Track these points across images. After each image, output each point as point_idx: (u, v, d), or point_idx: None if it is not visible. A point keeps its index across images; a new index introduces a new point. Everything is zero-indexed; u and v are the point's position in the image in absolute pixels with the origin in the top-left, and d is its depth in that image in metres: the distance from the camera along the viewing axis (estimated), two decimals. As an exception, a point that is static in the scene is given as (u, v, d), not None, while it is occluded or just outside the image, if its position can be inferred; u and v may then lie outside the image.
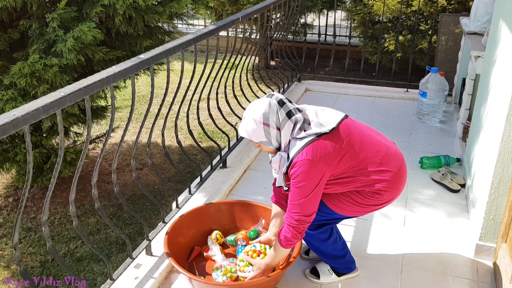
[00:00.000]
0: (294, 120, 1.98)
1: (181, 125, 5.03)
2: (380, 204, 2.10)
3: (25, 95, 3.23)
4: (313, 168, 1.91)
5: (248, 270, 2.19)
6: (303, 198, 1.94)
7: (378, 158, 2.02)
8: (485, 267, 2.45)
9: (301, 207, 1.95)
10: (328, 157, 1.93)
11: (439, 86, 4.09)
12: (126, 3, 3.17)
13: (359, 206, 2.08)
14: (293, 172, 1.94)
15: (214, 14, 6.98)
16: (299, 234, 2.00)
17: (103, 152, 2.03)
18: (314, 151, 1.92)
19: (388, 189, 2.04)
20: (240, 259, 2.24)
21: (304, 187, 1.93)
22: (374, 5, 5.79)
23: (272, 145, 2.02)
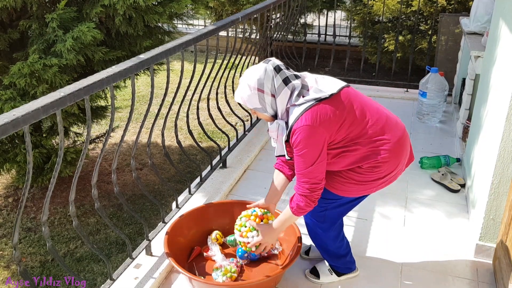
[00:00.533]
0: (291, 87, 1.92)
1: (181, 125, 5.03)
2: (382, 178, 2.01)
3: (24, 95, 3.23)
4: (313, 134, 1.85)
5: (251, 235, 2.14)
6: (310, 166, 1.88)
7: (378, 127, 1.96)
8: (485, 267, 2.45)
9: (309, 175, 1.90)
10: (328, 122, 1.87)
11: (439, 86, 4.09)
12: (126, 4, 3.17)
13: (361, 184, 2.02)
14: (294, 140, 1.88)
15: (214, 14, 6.98)
16: (311, 203, 1.95)
17: (103, 152, 2.03)
18: (313, 116, 1.85)
19: (387, 159, 1.96)
20: (241, 224, 2.18)
21: (307, 154, 1.87)
22: (374, 5, 5.79)
23: (267, 112, 1.97)
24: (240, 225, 2.20)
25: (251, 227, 2.16)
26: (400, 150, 2.01)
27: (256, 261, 2.40)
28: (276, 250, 2.42)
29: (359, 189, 2.05)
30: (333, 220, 2.19)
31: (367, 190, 2.06)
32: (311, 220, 2.22)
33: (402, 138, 2.03)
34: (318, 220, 2.18)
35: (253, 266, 2.38)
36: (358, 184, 2.02)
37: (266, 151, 3.67)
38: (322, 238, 2.24)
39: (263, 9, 3.52)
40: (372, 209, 2.93)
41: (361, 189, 2.05)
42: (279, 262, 2.40)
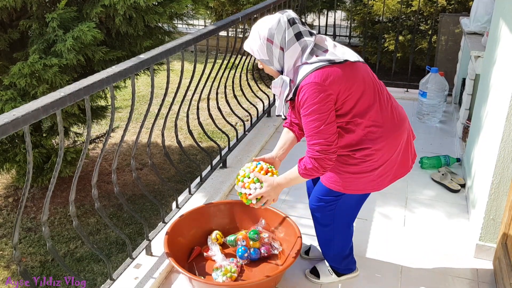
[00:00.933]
0: (303, 44, 1.82)
1: (181, 125, 5.03)
2: (377, 168, 1.94)
3: (24, 95, 3.23)
4: (321, 92, 1.75)
5: (254, 187, 2.05)
6: (318, 126, 1.78)
7: (383, 113, 1.89)
8: (485, 267, 2.45)
9: (319, 136, 1.80)
10: (338, 84, 1.77)
11: (439, 86, 4.09)
12: (126, 4, 3.17)
13: (358, 177, 1.95)
14: (301, 97, 1.79)
15: (214, 14, 6.98)
16: (320, 168, 1.84)
17: (103, 152, 2.03)
18: (323, 75, 1.76)
19: (380, 148, 1.90)
20: (244, 175, 2.08)
21: (315, 113, 1.77)
22: (374, 5, 5.79)
23: (274, 66, 1.88)
24: (243, 175, 2.08)
25: (255, 178, 2.05)
26: (395, 139, 1.95)
27: (256, 261, 2.41)
28: (276, 250, 2.42)
29: (359, 184, 2.00)
30: (343, 222, 2.16)
31: (367, 184, 2.00)
32: (322, 224, 2.19)
33: (400, 129, 1.96)
34: (329, 223, 2.16)
35: (253, 266, 2.38)
36: (355, 176, 1.97)
37: (266, 151, 3.67)
38: (332, 241, 2.21)
39: (263, 9, 3.52)
40: (372, 209, 2.93)
41: (360, 183, 2.00)
42: (279, 262, 2.40)
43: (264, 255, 2.41)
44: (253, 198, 2.06)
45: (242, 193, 2.08)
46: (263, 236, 2.45)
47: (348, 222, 2.19)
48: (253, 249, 2.40)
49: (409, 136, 2.05)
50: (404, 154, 2.03)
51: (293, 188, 3.15)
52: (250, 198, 2.06)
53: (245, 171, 2.10)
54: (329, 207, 2.10)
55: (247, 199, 2.09)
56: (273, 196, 2.05)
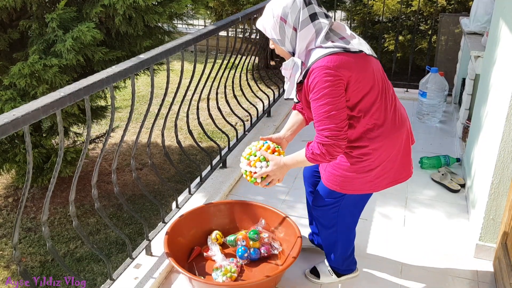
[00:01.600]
0: (317, 26, 1.77)
1: (181, 125, 5.03)
2: (374, 169, 1.92)
3: (24, 95, 3.23)
4: (333, 77, 1.71)
5: (260, 165, 2.00)
6: (328, 110, 1.73)
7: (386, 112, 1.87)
8: (485, 267, 2.45)
9: (329, 121, 1.74)
10: (349, 72, 1.73)
11: (439, 86, 4.09)
12: (126, 3, 3.17)
13: (356, 176, 1.93)
14: (311, 81, 1.74)
15: (214, 14, 6.98)
16: (327, 155, 1.79)
17: (103, 152, 2.03)
18: (336, 61, 1.71)
19: (377, 148, 1.88)
20: (251, 153, 2.04)
21: (325, 97, 1.72)
22: (374, 5, 5.80)
23: (285, 46, 1.83)
24: (250, 153, 2.03)
25: (261, 157, 1.99)
26: (394, 140, 1.92)
27: (256, 261, 2.41)
28: (276, 250, 2.42)
29: (356, 184, 1.97)
30: (346, 224, 2.15)
31: (364, 185, 1.97)
32: (325, 226, 2.18)
33: (400, 130, 1.94)
34: (332, 225, 2.15)
35: (253, 266, 2.38)
36: (351, 176, 1.94)
37: (266, 151, 3.67)
38: (336, 243, 2.20)
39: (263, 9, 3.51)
40: (372, 209, 2.93)
41: (357, 184, 1.96)
42: (279, 262, 2.40)
43: (264, 255, 2.41)
44: (258, 176, 2.01)
45: (247, 171, 2.03)
46: (263, 236, 2.44)
47: (351, 224, 2.18)
48: (253, 249, 2.40)
49: (408, 139, 2.03)
50: (404, 157, 2.00)
51: (293, 188, 3.15)
52: (255, 176, 2.01)
53: (251, 149, 2.06)
54: (332, 210, 2.10)
55: (251, 178, 2.04)
56: (278, 176, 2.00)
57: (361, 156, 1.91)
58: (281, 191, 3.13)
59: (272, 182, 2.02)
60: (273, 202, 2.92)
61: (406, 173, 2.03)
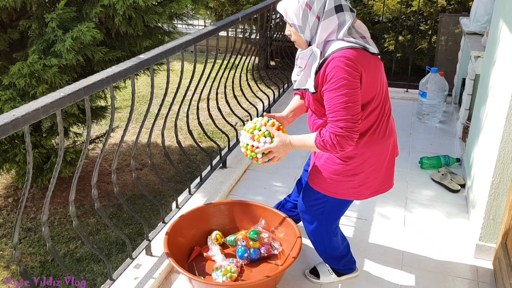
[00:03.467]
0: (341, 19, 1.75)
1: (181, 125, 5.03)
2: (358, 174, 1.94)
3: (24, 95, 3.23)
4: (352, 69, 1.69)
5: (264, 140, 1.93)
6: (348, 101, 1.70)
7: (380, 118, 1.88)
8: (485, 267, 2.45)
9: (346, 112, 1.71)
10: (366, 73, 1.73)
11: (439, 86, 4.10)
12: (126, 4, 3.17)
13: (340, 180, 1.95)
14: (330, 70, 1.71)
15: (214, 15, 6.98)
16: (338, 146, 1.76)
17: (103, 152, 2.03)
18: (357, 56, 1.70)
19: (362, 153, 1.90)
20: (255, 127, 1.96)
21: (344, 87, 1.70)
22: (374, 5, 5.80)
23: (304, 34, 1.79)
24: (254, 127, 1.96)
25: (266, 132, 1.93)
26: (379, 149, 1.94)
27: (256, 261, 2.41)
28: (276, 250, 2.42)
29: (339, 188, 1.99)
30: (329, 225, 2.16)
31: (347, 191, 1.99)
32: (311, 225, 2.19)
33: (387, 141, 1.96)
34: (317, 225, 2.16)
35: (253, 266, 2.38)
36: (336, 178, 1.96)
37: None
38: (323, 243, 2.21)
39: (263, 9, 3.52)
40: (372, 209, 2.93)
41: (341, 187, 1.98)
42: (279, 262, 2.40)
43: (264, 255, 2.41)
44: (260, 151, 1.93)
45: (249, 145, 1.95)
46: (263, 236, 2.45)
47: (332, 226, 2.17)
48: (253, 249, 2.40)
49: (394, 151, 2.04)
50: (389, 168, 2.03)
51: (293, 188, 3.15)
52: (257, 151, 1.94)
53: (255, 123, 1.98)
54: (317, 210, 2.11)
55: (252, 152, 1.96)
56: (281, 153, 1.94)
57: (346, 160, 1.92)
58: (281, 191, 3.13)
59: (273, 159, 1.96)
60: (273, 202, 2.92)
61: (388, 184, 2.07)
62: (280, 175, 3.33)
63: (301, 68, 1.88)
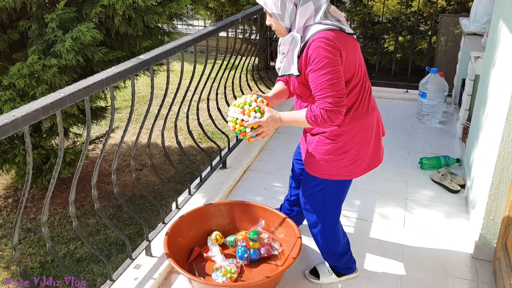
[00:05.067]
0: (317, 4, 1.85)
1: (180, 125, 5.03)
2: (348, 151, 2.01)
3: (24, 95, 3.23)
4: (332, 48, 1.80)
5: (254, 115, 1.97)
6: (332, 78, 1.80)
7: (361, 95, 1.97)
8: (485, 268, 2.45)
9: (332, 88, 1.81)
10: (345, 52, 1.84)
11: (439, 86, 4.10)
12: (125, 4, 3.17)
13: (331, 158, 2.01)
14: (311, 52, 1.81)
15: (214, 15, 6.98)
16: (328, 120, 1.85)
17: (102, 152, 2.03)
18: (335, 36, 1.81)
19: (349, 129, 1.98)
20: (245, 102, 1.99)
21: (327, 66, 1.80)
22: (374, 5, 5.80)
23: (284, 22, 1.89)
24: (244, 102, 1.99)
25: (256, 107, 1.98)
26: (365, 125, 2.02)
27: (256, 262, 2.41)
28: (276, 251, 2.42)
29: (333, 168, 2.04)
30: (331, 215, 2.18)
31: (341, 170, 2.04)
32: (312, 216, 2.21)
33: (371, 116, 2.04)
34: (318, 215, 2.18)
35: (253, 266, 2.38)
36: (328, 159, 2.02)
37: (266, 152, 3.67)
38: (325, 234, 2.22)
39: (263, 9, 3.52)
40: (372, 209, 2.93)
41: (334, 167, 2.04)
42: (279, 262, 2.40)
43: (264, 255, 2.41)
44: (250, 125, 1.96)
45: (239, 119, 1.97)
46: (263, 236, 2.45)
47: (334, 215, 2.20)
48: (253, 249, 2.40)
49: (379, 127, 2.12)
50: (376, 144, 2.10)
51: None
52: (247, 124, 1.96)
53: (246, 99, 2.01)
54: (317, 198, 2.15)
55: (240, 127, 1.98)
56: (270, 129, 2.00)
57: (335, 138, 2.00)
58: (281, 191, 3.14)
59: (261, 134, 2.00)
60: (273, 203, 2.92)
61: (378, 159, 2.14)
62: (280, 175, 3.33)
63: (284, 54, 1.97)
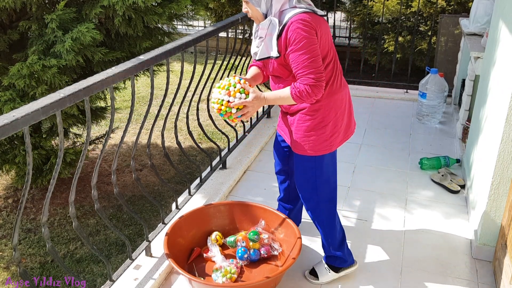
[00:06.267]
0: None
1: (180, 126, 5.03)
2: (327, 125, 2.12)
3: (23, 96, 3.23)
4: (309, 28, 1.94)
5: (239, 96, 2.03)
6: (311, 57, 1.94)
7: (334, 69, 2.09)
8: (485, 268, 2.45)
9: (312, 65, 1.94)
10: (320, 32, 1.98)
11: (439, 87, 4.10)
12: (125, 4, 3.17)
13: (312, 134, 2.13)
14: (291, 33, 1.94)
15: (214, 15, 6.98)
16: (312, 95, 1.97)
17: (102, 153, 2.03)
18: (311, 18, 1.95)
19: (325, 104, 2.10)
20: (230, 84, 2.05)
21: (307, 45, 1.93)
22: (374, 6, 5.80)
23: (261, 8, 2.02)
24: (229, 84, 2.04)
25: (241, 89, 2.05)
26: (339, 100, 2.14)
27: (256, 262, 2.41)
28: (276, 251, 2.42)
29: (315, 144, 2.14)
30: (325, 195, 2.25)
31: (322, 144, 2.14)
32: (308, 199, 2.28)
33: (344, 91, 2.17)
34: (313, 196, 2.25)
35: (253, 267, 2.38)
36: (309, 134, 2.13)
37: (266, 152, 3.67)
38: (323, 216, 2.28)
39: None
40: (372, 210, 2.93)
41: (316, 142, 2.14)
42: (279, 263, 2.40)
43: (264, 256, 2.41)
44: (236, 105, 2.02)
45: (224, 100, 2.02)
46: (263, 237, 2.44)
47: (331, 193, 2.27)
48: (253, 250, 2.40)
49: (350, 102, 2.26)
50: (348, 117, 2.24)
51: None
52: (233, 105, 2.02)
53: (229, 81, 2.06)
54: (310, 177, 2.22)
55: (226, 108, 2.03)
56: (255, 108, 2.08)
57: (314, 113, 2.12)
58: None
59: (246, 114, 2.08)
60: (273, 203, 2.92)
61: (350, 131, 2.29)
62: (280, 176, 3.33)
63: (262, 38, 2.07)
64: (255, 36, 2.12)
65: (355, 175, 3.34)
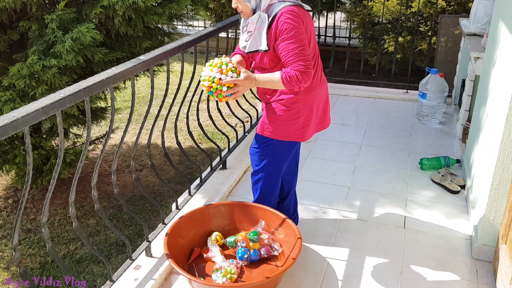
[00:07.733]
0: None
1: (180, 126, 5.03)
2: (301, 117, 2.22)
3: (24, 96, 3.23)
4: (298, 19, 2.04)
5: (231, 75, 2.08)
6: (300, 46, 2.03)
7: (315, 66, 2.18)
8: (485, 268, 2.45)
9: (302, 54, 2.03)
10: (306, 22, 2.08)
11: (439, 87, 4.10)
12: (125, 4, 3.17)
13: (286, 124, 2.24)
14: (281, 25, 2.03)
15: (214, 16, 6.98)
16: (302, 81, 2.04)
17: (102, 153, 2.03)
18: (297, 10, 2.06)
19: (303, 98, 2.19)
20: (222, 62, 2.10)
21: (296, 35, 2.02)
22: (374, 6, 5.80)
23: (250, 3, 2.11)
24: (221, 62, 2.10)
25: (233, 68, 2.11)
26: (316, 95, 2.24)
27: (256, 263, 2.40)
28: (276, 252, 2.42)
29: (287, 131, 2.25)
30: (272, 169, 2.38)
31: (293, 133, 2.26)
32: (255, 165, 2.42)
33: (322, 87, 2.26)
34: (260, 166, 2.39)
35: (253, 267, 2.38)
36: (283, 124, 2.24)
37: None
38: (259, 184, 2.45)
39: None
40: (372, 210, 2.93)
41: (288, 130, 2.25)
42: (279, 263, 2.40)
43: (264, 256, 2.41)
44: (227, 83, 2.07)
45: (216, 78, 2.07)
46: (263, 237, 2.44)
47: (276, 170, 2.40)
48: (253, 250, 2.40)
49: (328, 98, 2.37)
50: (324, 111, 2.35)
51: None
52: (224, 82, 2.07)
53: (221, 60, 2.12)
54: (261, 152, 2.37)
55: (217, 85, 2.08)
56: (245, 88, 2.14)
57: (291, 105, 2.21)
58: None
59: (236, 93, 2.13)
60: (273, 203, 2.92)
61: (323, 125, 2.40)
62: (280, 176, 3.32)
63: (251, 32, 2.15)
64: (243, 30, 2.20)
65: (355, 176, 3.34)
